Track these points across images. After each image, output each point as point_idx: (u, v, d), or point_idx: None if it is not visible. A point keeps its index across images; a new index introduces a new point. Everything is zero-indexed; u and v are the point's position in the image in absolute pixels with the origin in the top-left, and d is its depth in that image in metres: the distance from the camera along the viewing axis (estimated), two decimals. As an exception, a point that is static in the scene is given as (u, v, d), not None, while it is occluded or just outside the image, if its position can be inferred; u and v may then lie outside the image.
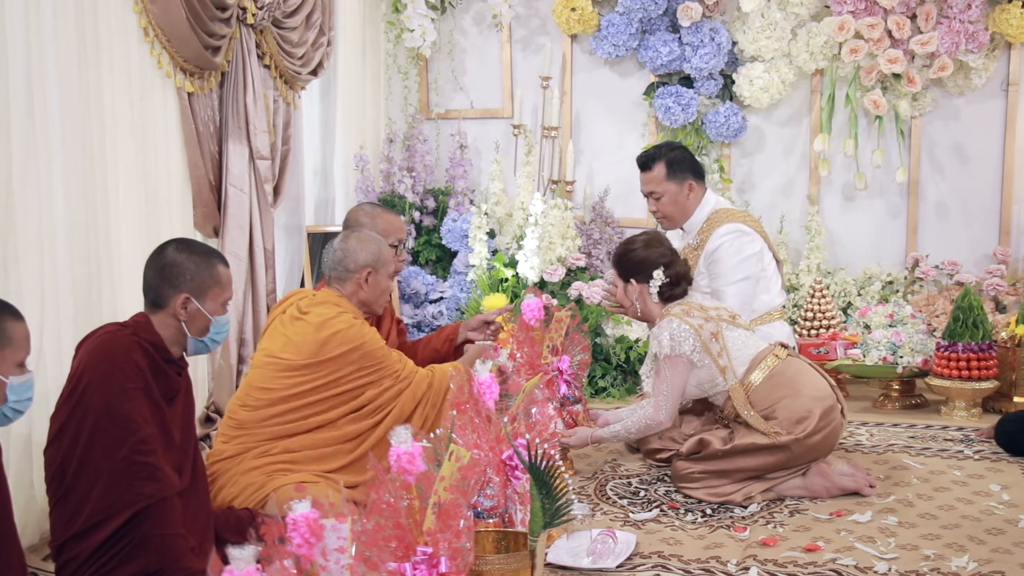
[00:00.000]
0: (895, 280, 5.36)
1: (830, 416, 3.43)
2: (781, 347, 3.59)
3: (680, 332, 3.43)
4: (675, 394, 3.47)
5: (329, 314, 3.25)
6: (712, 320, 3.47)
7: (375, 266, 3.38)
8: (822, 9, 5.30)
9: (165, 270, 2.63)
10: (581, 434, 3.58)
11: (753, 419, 3.42)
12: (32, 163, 3.07)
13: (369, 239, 3.43)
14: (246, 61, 4.23)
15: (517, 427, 2.56)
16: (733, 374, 3.47)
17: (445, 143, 5.88)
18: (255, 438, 3.12)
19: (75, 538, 2.47)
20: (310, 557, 1.80)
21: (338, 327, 3.21)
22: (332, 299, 3.34)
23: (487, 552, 2.39)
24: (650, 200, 4.02)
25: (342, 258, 3.37)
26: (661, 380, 3.47)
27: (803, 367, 3.54)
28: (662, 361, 3.46)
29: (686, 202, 3.96)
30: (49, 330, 3.15)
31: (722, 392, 3.51)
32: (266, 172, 4.40)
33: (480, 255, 5.32)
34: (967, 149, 5.34)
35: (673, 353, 3.42)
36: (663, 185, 3.96)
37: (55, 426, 2.52)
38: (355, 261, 3.36)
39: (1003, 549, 2.97)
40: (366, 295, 3.39)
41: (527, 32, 5.81)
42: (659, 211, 4.01)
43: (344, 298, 3.36)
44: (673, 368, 3.45)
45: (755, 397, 3.45)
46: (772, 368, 3.49)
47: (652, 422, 3.50)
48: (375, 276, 3.39)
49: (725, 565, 2.89)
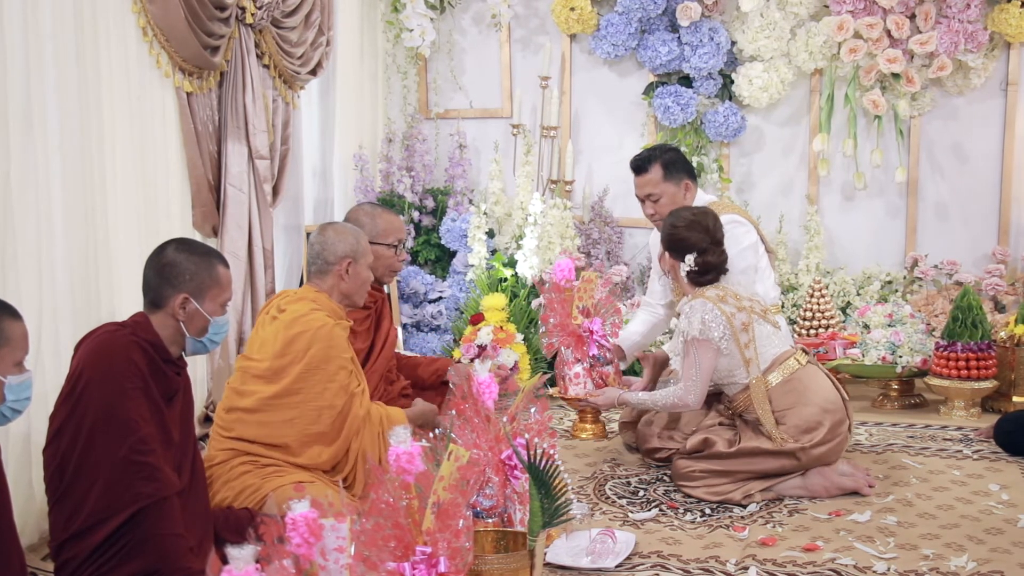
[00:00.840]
0: (894, 280, 5.36)
1: (838, 429, 3.44)
2: (803, 352, 3.58)
3: (713, 317, 3.41)
4: (704, 377, 3.45)
5: (301, 311, 3.19)
6: (745, 311, 3.46)
7: (355, 256, 3.33)
8: (821, 9, 5.30)
9: (164, 270, 2.62)
10: (610, 394, 3.67)
11: (767, 417, 3.42)
12: (30, 163, 3.06)
13: (346, 230, 3.38)
14: (245, 61, 4.23)
15: (516, 427, 2.56)
16: (757, 368, 3.46)
17: (444, 143, 5.88)
18: (240, 442, 3.10)
19: (74, 538, 2.47)
20: (309, 557, 1.80)
21: (307, 326, 3.13)
22: (309, 296, 3.29)
23: (486, 552, 2.39)
24: (647, 203, 4.00)
25: (320, 251, 3.32)
26: (690, 363, 3.45)
27: (819, 376, 3.53)
28: (690, 342, 3.44)
29: (683, 202, 3.95)
30: (48, 330, 3.15)
31: (738, 384, 3.51)
32: (265, 172, 4.40)
33: (479, 255, 5.32)
34: (966, 149, 5.34)
35: (702, 337, 3.41)
36: (661, 186, 3.95)
37: (54, 426, 2.52)
38: (334, 252, 3.31)
39: (1002, 549, 2.97)
40: (347, 286, 3.33)
41: (526, 32, 5.81)
42: (656, 214, 3.98)
43: (323, 293, 3.30)
44: (702, 352, 3.43)
45: (769, 397, 3.46)
46: (791, 372, 3.48)
47: (681, 403, 3.50)
48: (355, 267, 3.32)
49: (724, 565, 2.89)
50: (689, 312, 3.46)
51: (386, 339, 3.82)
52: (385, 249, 3.76)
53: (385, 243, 3.75)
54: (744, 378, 3.48)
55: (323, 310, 3.24)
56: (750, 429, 3.50)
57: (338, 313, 3.31)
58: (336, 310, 3.30)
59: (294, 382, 3.09)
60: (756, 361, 3.46)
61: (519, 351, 4.84)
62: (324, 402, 3.11)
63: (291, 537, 1.78)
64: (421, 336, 5.32)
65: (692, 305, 3.47)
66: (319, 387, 3.11)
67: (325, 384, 3.11)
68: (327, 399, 3.11)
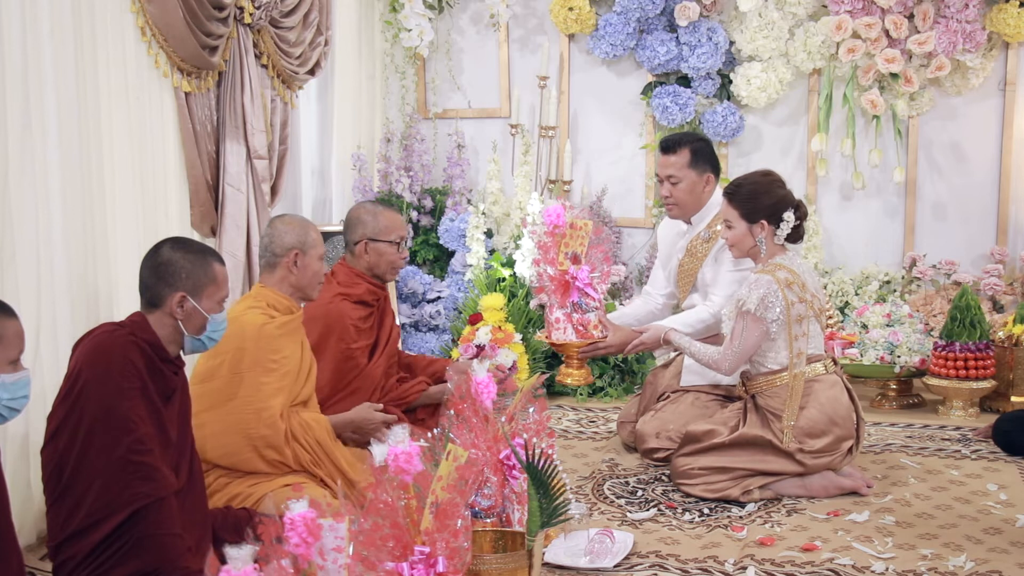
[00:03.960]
0: (892, 280, 5.36)
1: (841, 444, 3.44)
2: (832, 362, 3.57)
3: (773, 299, 3.39)
4: (745, 352, 3.45)
5: (236, 311, 3.13)
6: (806, 303, 3.43)
7: (302, 247, 3.23)
8: (819, 8, 5.30)
9: (160, 269, 2.62)
10: (654, 332, 3.70)
11: (791, 412, 3.41)
12: (29, 162, 3.06)
13: (295, 221, 3.31)
14: (243, 61, 4.23)
15: (514, 427, 2.56)
16: (802, 362, 3.45)
17: (442, 143, 5.88)
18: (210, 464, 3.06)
19: (72, 537, 2.47)
20: (307, 557, 1.80)
21: (238, 325, 3.05)
22: (253, 292, 3.24)
23: (484, 551, 2.39)
24: (665, 184, 3.97)
25: (268, 243, 3.26)
26: (736, 333, 3.45)
27: (838, 387, 3.50)
28: (743, 313, 3.42)
29: (701, 194, 3.94)
30: (46, 330, 3.15)
31: (765, 368, 3.49)
32: (263, 172, 4.40)
33: (477, 255, 5.31)
34: (964, 149, 5.34)
35: (757, 313, 3.39)
36: (684, 171, 3.92)
37: (52, 426, 2.52)
38: (281, 244, 3.23)
39: (1000, 549, 2.97)
40: (296, 279, 3.24)
41: (524, 32, 5.81)
42: (672, 196, 3.94)
43: (271, 289, 3.23)
44: (750, 326, 3.42)
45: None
46: (816, 375, 3.48)
47: (715, 365, 3.52)
48: (303, 258, 3.23)
49: (722, 565, 2.89)
50: (753, 284, 3.43)
51: (390, 335, 3.82)
52: (387, 246, 3.75)
53: (387, 240, 3.75)
54: (774, 364, 3.47)
55: (259, 307, 3.16)
56: (758, 418, 3.49)
57: (286, 307, 3.22)
58: (284, 304, 3.22)
59: (227, 384, 3.03)
60: (804, 355, 3.45)
61: (517, 351, 4.84)
62: (260, 403, 3.03)
63: (289, 537, 1.78)
64: (419, 336, 5.32)
65: (759, 279, 3.43)
66: (252, 389, 3.04)
67: (257, 387, 3.05)
68: (263, 400, 3.04)
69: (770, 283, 3.40)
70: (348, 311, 3.65)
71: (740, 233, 3.53)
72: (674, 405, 3.86)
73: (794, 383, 3.43)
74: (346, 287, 3.72)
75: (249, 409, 3.03)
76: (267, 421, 3.03)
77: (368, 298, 3.73)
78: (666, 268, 4.13)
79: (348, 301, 3.67)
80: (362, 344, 3.67)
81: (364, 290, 3.73)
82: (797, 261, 3.52)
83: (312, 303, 3.66)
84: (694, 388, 3.89)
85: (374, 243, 3.71)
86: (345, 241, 3.82)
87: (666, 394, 3.96)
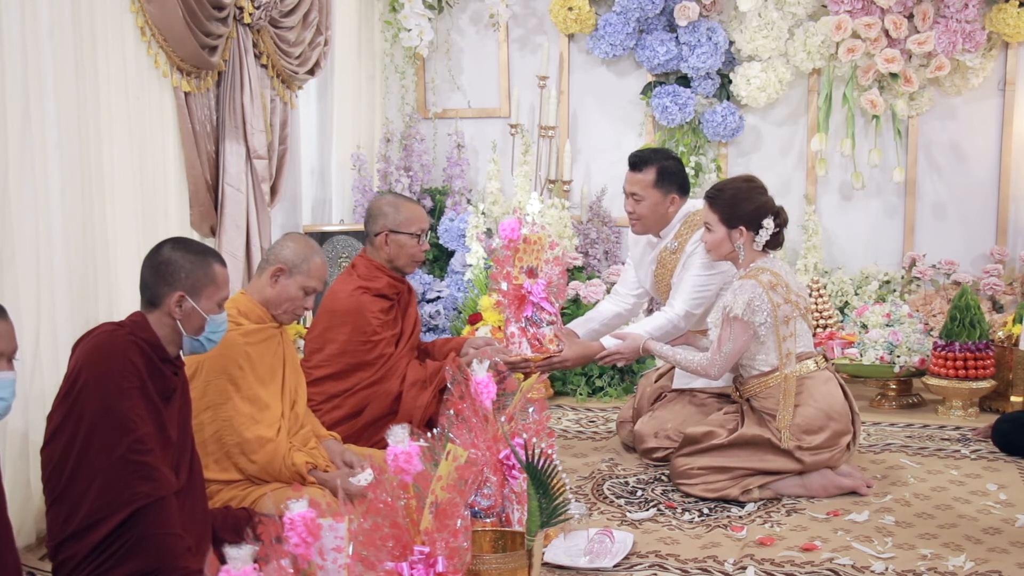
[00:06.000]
0: (892, 279, 5.37)
1: (839, 439, 3.44)
2: (823, 357, 3.58)
3: (759, 303, 3.41)
4: (733, 356, 3.47)
5: None
6: (791, 303, 3.45)
7: (290, 268, 3.11)
8: (819, 8, 5.30)
9: (160, 268, 2.62)
10: (631, 343, 3.69)
11: (786, 411, 3.42)
12: (28, 162, 3.06)
13: (303, 242, 3.19)
14: (243, 60, 4.23)
15: (514, 427, 2.56)
16: (792, 362, 3.47)
17: (442, 143, 5.88)
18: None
19: (72, 537, 2.46)
20: (307, 556, 1.80)
21: None
22: (233, 297, 3.13)
23: (484, 551, 2.39)
24: (629, 200, 3.98)
25: (268, 249, 3.23)
26: (724, 340, 3.46)
27: (831, 383, 3.51)
28: (730, 319, 3.44)
29: (664, 213, 3.92)
30: (45, 330, 3.14)
31: (756, 370, 3.50)
32: (263, 171, 4.40)
33: (477, 255, 5.32)
34: (964, 148, 5.35)
35: (744, 318, 3.41)
36: (648, 191, 3.92)
37: (52, 425, 2.52)
38: (276, 255, 3.15)
39: (1000, 548, 2.97)
40: (270, 294, 3.12)
41: (524, 31, 5.81)
42: (635, 213, 3.96)
43: (248, 296, 3.15)
44: (737, 331, 3.43)
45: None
46: (807, 373, 3.49)
47: (702, 371, 3.53)
48: (286, 279, 3.11)
49: (722, 564, 2.89)
50: (738, 290, 3.44)
51: (414, 327, 3.83)
52: (408, 238, 3.73)
53: (408, 232, 3.73)
54: (765, 366, 3.49)
55: (230, 313, 3.04)
56: (755, 418, 3.50)
57: (258, 316, 3.13)
58: (256, 313, 3.13)
59: (202, 392, 3.00)
60: (793, 355, 3.46)
61: (517, 351, 4.83)
62: (231, 410, 3.00)
63: (289, 537, 1.78)
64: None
65: (743, 284, 3.45)
66: (222, 397, 3.01)
67: (226, 395, 3.01)
68: (234, 407, 3.01)
69: (754, 287, 3.42)
70: (368, 304, 3.64)
71: (719, 237, 3.54)
72: (672, 405, 3.87)
73: (786, 384, 3.45)
74: (367, 280, 3.70)
75: (220, 416, 3.01)
76: (240, 431, 3.01)
77: (388, 291, 3.71)
78: (638, 271, 4.13)
79: (368, 295, 3.67)
80: (387, 335, 3.67)
81: (384, 283, 3.71)
82: (777, 263, 3.54)
83: (332, 295, 3.65)
84: (689, 389, 3.89)
85: (395, 235, 3.70)
86: (365, 232, 3.81)
87: (663, 394, 3.97)
